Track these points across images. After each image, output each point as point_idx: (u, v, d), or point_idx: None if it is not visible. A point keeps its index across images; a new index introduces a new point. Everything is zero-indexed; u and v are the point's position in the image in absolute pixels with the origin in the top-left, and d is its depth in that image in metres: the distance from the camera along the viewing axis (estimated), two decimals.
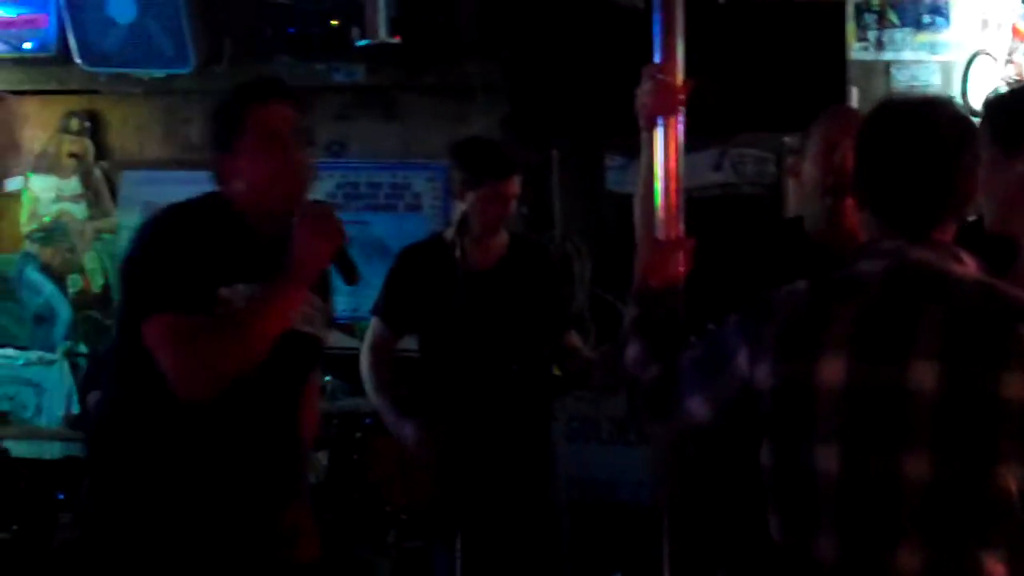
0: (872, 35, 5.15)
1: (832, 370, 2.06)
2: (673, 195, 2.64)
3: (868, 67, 5.15)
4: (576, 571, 4.25)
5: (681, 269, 2.61)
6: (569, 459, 4.89)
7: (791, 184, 3.03)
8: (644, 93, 2.63)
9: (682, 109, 2.63)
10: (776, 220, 3.19)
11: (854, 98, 5.08)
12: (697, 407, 2.24)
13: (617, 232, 4.67)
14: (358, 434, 4.66)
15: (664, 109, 2.62)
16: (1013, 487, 2.00)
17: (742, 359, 2.17)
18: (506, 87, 5.26)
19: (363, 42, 5.28)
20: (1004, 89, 2.78)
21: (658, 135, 2.62)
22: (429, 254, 3.98)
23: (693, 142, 2.75)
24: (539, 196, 5.37)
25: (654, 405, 2.32)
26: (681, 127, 2.65)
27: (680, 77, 2.64)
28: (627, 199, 2.89)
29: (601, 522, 4.89)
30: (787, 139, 5.08)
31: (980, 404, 2.00)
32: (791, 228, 3.02)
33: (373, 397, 3.96)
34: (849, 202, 2.76)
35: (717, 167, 5.23)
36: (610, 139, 4.99)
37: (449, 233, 3.97)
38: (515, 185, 3.88)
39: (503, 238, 3.96)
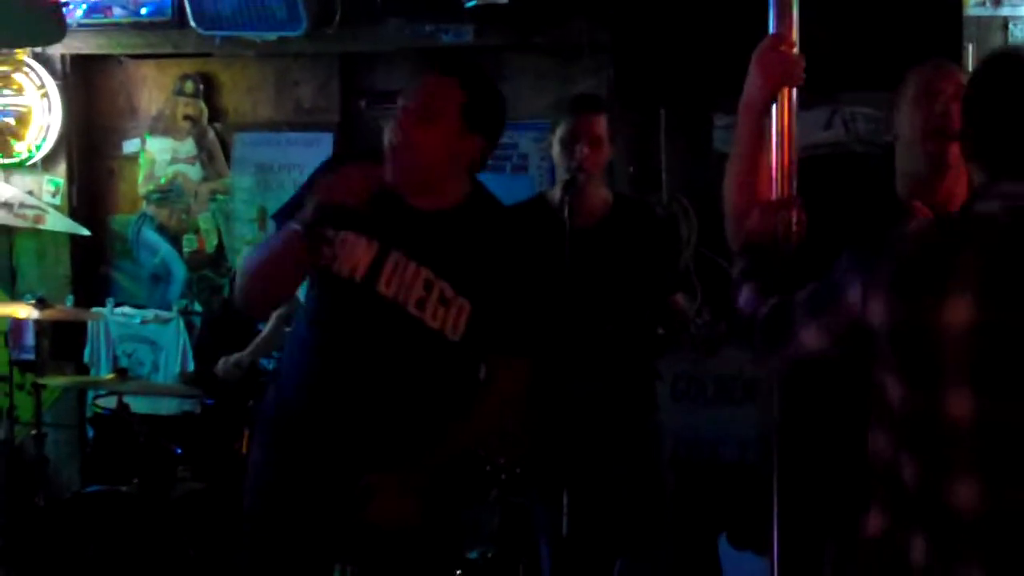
0: None
1: (958, 312, 2.05)
2: (787, 161, 2.63)
3: (985, 23, 5.03)
4: (681, 530, 4.25)
5: (795, 228, 2.60)
6: (675, 418, 4.89)
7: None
8: (765, 63, 2.62)
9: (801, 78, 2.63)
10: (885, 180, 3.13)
11: (970, 55, 4.97)
12: (810, 336, 2.27)
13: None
14: None
15: (785, 81, 2.62)
16: None
17: (854, 294, 2.19)
18: (612, 47, 5.24)
19: (472, 3, 5.29)
20: None
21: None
22: (531, 214, 3.98)
23: (803, 100, 2.74)
24: (646, 157, 5.35)
25: (768, 336, 2.37)
26: (794, 95, 2.64)
27: (796, 45, 2.63)
28: None
29: (706, 481, 4.89)
30: None
31: None
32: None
33: None
34: (953, 149, 2.75)
35: (828, 125, 5.16)
36: (717, 99, 4.93)
37: (553, 192, 3.97)
38: (600, 124, 3.86)
39: (606, 196, 3.96)
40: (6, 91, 6.24)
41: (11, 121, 6.24)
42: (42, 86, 6.21)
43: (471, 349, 3.01)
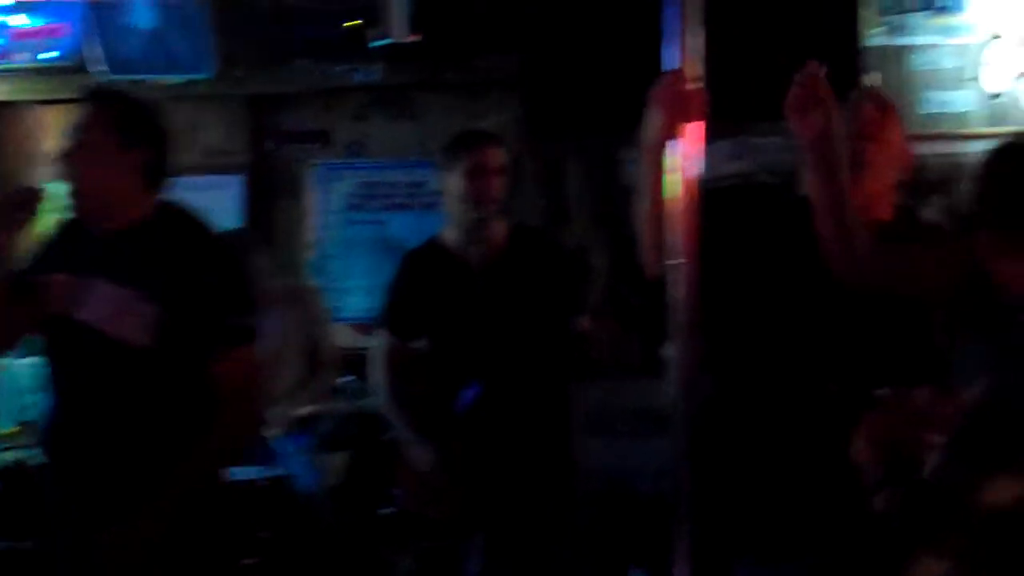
0: (889, 20, 5.12)
1: None
2: (691, 195, 2.64)
3: (883, 52, 5.12)
4: (595, 565, 4.24)
5: None
6: (588, 451, 4.88)
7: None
8: (666, 99, 2.64)
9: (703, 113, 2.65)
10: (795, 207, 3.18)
11: (872, 82, 5.07)
12: (1001, 492, 1.90)
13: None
14: (381, 436, 4.64)
15: (684, 117, 2.63)
16: None
17: None
18: (520, 82, 5.26)
19: (379, 42, 5.30)
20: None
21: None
22: (428, 256, 3.95)
23: (710, 132, 2.75)
24: (555, 190, 5.38)
25: None
26: (698, 129, 2.65)
27: (701, 79, 2.64)
28: None
29: (621, 515, 4.88)
30: None
31: None
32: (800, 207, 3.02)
33: (387, 412, 3.94)
34: (870, 148, 2.88)
35: (735, 156, 5.21)
36: (626, 133, 4.96)
37: (448, 232, 3.94)
38: (495, 157, 3.85)
39: (502, 228, 3.93)
40: None
41: None
42: None
43: (180, 356, 3.01)
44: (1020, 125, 4.81)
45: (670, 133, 2.63)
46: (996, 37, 4.94)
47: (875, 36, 5.11)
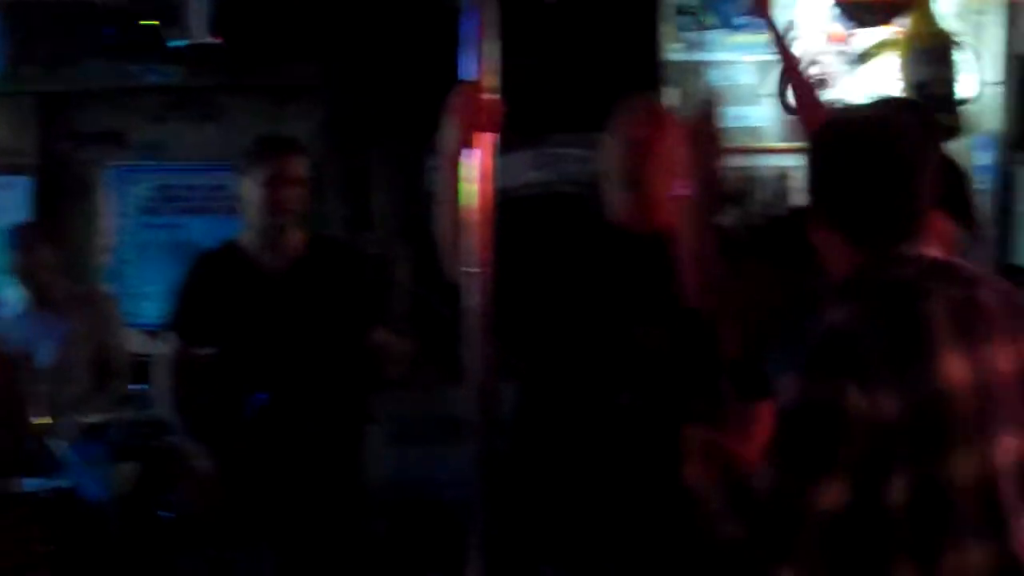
0: (688, 36, 5.21)
1: (954, 368, 1.93)
2: (487, 205, 2.63)
3: (683, 67, 5.21)
4: (395, 574, 4.21)
5: None
6: (390, 460, 4.86)
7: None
8: (461, 109, 2.63)
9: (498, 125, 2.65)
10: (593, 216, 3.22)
11: (671, 97, 5.15)
12: (829, 495, 1.89)
13: None
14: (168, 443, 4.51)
15: (480, 127, 2.63)
16: None
17: (855, 400, 1.88)
18: (325, 88, 5.21)
19: (177, 43, 5.17)
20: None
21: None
22: (222, 260, 3.86)
23: (510, 141, 2.75)
24: (359, 198, 5.33)
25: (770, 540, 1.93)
26: (493, 138, 2.65)
27: (497, 90, 2.64)
28: None
29: (425, 523, 4.86)
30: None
31: None
32: (602, 222, 3.05)
33: (168, 417, 3.86)
34: (650, 193, 2.88)
35: (536, 166, 5.25)
36: (430, 140, 4.96)
37: (245, 237, 3.87)
38: (295, 165, 3.79)
39: (300, 237, 3.87)
40: None
41: None
42: None
43: None
44: None
45: (466, 143, 2.62)
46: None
47: (674, 51, 5.19)
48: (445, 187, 2.77)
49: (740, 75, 5.23)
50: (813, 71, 5.00)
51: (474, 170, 2.61)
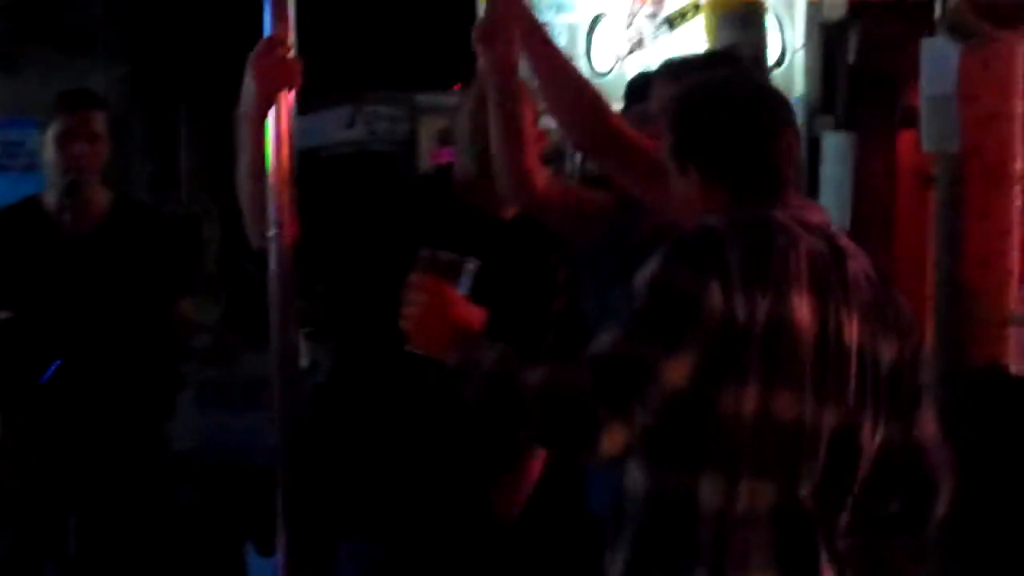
0: None
1: (803, 309, 1.98)
2: (285, 166, 2.57)
3: None
4: (209, 539, 4.13)
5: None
6: (202, 426, 4.77)
7: (427, 136, 3.00)
8: (260, 68, 2.56)
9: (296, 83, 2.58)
10: (419, 174, 3.18)
11: None
12: (675, 370, 1.90)
13: None
14: None
15: (281, 85, 2.56)
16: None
17: (714, 297, 1.92)
18: (130, 42, 5.03)
19: None
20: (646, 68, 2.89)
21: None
22: (18, 219, 3.70)
23: (325, 100, 2.70)
24: (166, 154, 5.19)
25: (610, 400, 1.92)
26: (292, 98, 2.60)
27: (293, 45, 2.58)
28: None
29: (238, 489, 4.79)
30: (419, 97, 5.09)
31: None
32: (438, 180, 3.00)
33: None
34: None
35: (350, 124, 5.18)
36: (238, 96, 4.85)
37: (48, 196, 3.73)
38: (97, 121, 3.66)
39: (104, 198, 3.74)
40: None
41: None
42: None
43: None
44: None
45: (267, 103, 2.56)
46: (603, 16, 5.11)
47: None
48: (245, 149, 2.69)
49: (553, 36, 5.24)
50: (628, 34, 5.06)
51: (273, 131, 2.56)
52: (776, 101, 2.15)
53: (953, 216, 3.65)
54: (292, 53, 2.54)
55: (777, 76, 4.72)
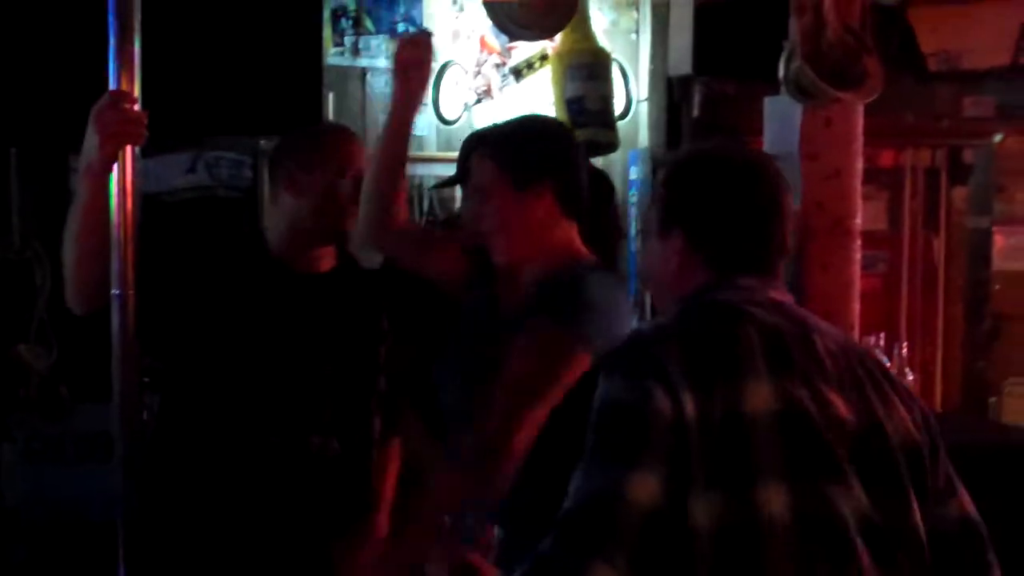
0: (348, 41, 5.16)
1: (759, 397, 1.86)
2: (128, 220, 2.50)
3: (343, 72, 5.16)
4: None
5: None
6: (29, 481, 4.58)
7: (272, 194, 2.94)
8: (104, 123, 2.48)
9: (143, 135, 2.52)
10: (240, 231, 3.12)
11: (330, 103, 5.09)
12: (641, 491, 1.76)
13: None
14: None
15: (126, 140, 2.49)
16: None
17: (659, 399, 1.81)
18: None
19: None
20: (499, 119, 2.88)
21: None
22: None
23: (165, 144, 2.63)
24: None
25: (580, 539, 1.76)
26: (136, 153, 2.53)
27: (138, 99, 2.50)
28: None
29: (72, 545, 4.62)
30: (263, 142, 5.00)
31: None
32: (255, 243, 2.94)
33: None
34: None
35: (191, 169, 5.06)
36: (75, 140, 4.70)
37: None
38: None
39: None
40: None
41: None
42: None
43: None
44: None
45: (111, 156, 2.48)
46: (451, 64, 5.10)
47: (334, 56, 5.14)
48: (86, 205, 2.59)
49: None
50: (476, 83, 5.06)
51: (116, 186, 2.48)
52: (775, 175, 2.08)
53: (797, 269, 3.72)
54: (138, 107, 2.47)
55: (622, 127, 4.77)
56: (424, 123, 5.08)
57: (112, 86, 2.47)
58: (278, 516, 2.80)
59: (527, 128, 2.73)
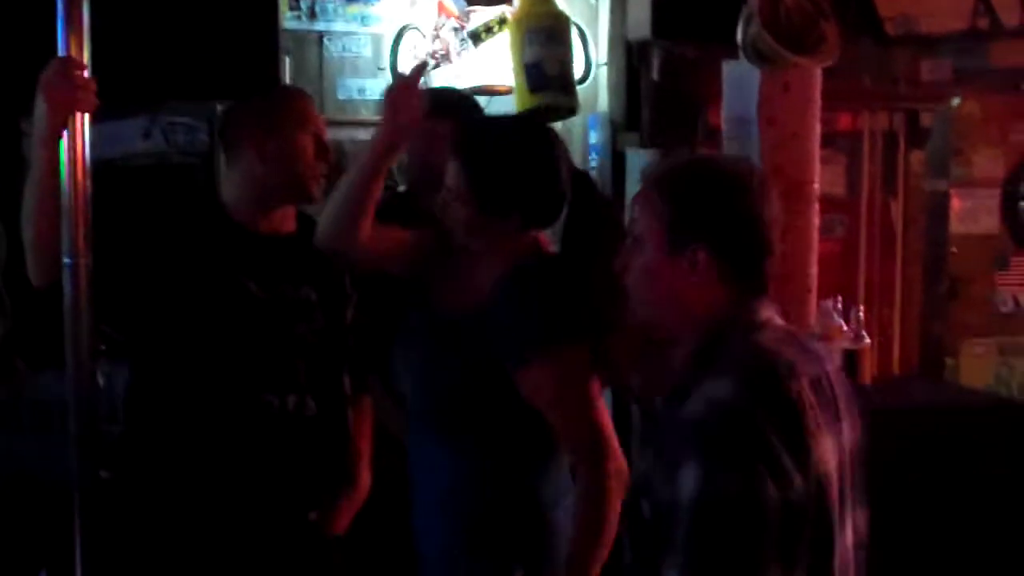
0: (304, 4, 5.11)
1: (830, 453, 1.88)
2: (80, 189, 2.47)
3: (300, 37, 5.11)
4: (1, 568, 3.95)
5: None
6: None
7: (230, 158, 2.94)
8: (53, 90, 2.45)
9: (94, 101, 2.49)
10: (201, 199, 3.11)
11: (287, 68, 5.05)
12: None
13: None
14: None
15: (75, 107, 2.46)
16: None
17: (769, 487, 1.75)
18: None
19: None
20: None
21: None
22: None
23: (120, 109, 2.61)
24: None
25: None
26: (87, 120, 2.50)
27: (88, 66, 2.47)
28: None
29: (33, 513, 4.60)
30: (219, 106, 4.95)
31: None
32: (214, 208, 2.94)
33: None
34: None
35: (147, 135, 5.01)
36: (26, 105, 4.64)
37: None
38: None
39: None
40: None
41: None
42: None
43: None
44: None
45: (61, 124, 2.45)
46: (408, 28, 5.06)
47: (290, 20, 5.09)
48: (40, 173, 2.57)
49: (357, 47, 5.19)
50: (434, 47, 5.02)
51: (67, 155, 2.45)
52: (769, 185, 2.05)
53: None
54: (87, 74, 2.44)
55: (582, 92, 4.75)
56: (381, 88, 5.05)
57: (61, 51, 2.44)
58: (260, 478, 2.81)
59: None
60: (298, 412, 2.84)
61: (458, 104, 3.32)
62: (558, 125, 4.55)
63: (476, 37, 4.88)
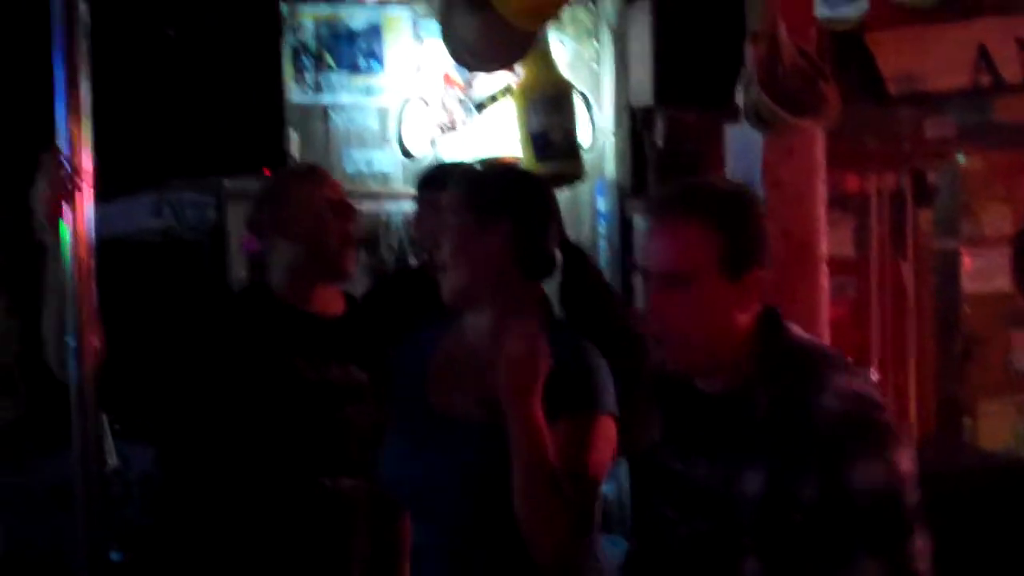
0: (309, 78, 5.14)
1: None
2: (84, 267, 2.47)
3: (306, 110, 5.14)
4: None
5: None
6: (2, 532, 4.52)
7: (265, 245, 2.91)
8: (47, 186, 2.46)
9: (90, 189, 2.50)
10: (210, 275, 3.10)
11: (294, 141, 5.07)
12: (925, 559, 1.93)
13: None
14: None
15: (66, 198, 2.47)
16: None
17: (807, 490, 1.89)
18: None
19: None
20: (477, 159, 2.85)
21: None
22: None
23: (129, 186, 2.61)
24: None
25: None
26: (91, 203, 2.50)
27: (89, 155, 2.48)
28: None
29: None
30: (227, 182, 4.98)
31: None
32: (262, 291, 2.92)
33: None
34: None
35: (157, 212, 5.02)
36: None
37: None
38: None
39: None
40: None
41: None
42: None
43: None
44: None
45: (58, 207, 2.46)
46: (413, 99, 5.09)
47: (296, 93, 5.12)
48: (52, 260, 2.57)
49: (363, 118, 5.22)
50: (439, 117, 5.04)
51: (70, 234, 2.45)
52: None
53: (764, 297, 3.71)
54: (88, 152, 2.44)
55: (588, 159, 4.77)
56: (389, 159, 5.07)
57: (60, 130, 2.45)
58: (316, 563, 2.78)
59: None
60: (351, 495, 2.81)
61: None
62: (565, 192, 4.55)
63: (480, 106, 4.91)
